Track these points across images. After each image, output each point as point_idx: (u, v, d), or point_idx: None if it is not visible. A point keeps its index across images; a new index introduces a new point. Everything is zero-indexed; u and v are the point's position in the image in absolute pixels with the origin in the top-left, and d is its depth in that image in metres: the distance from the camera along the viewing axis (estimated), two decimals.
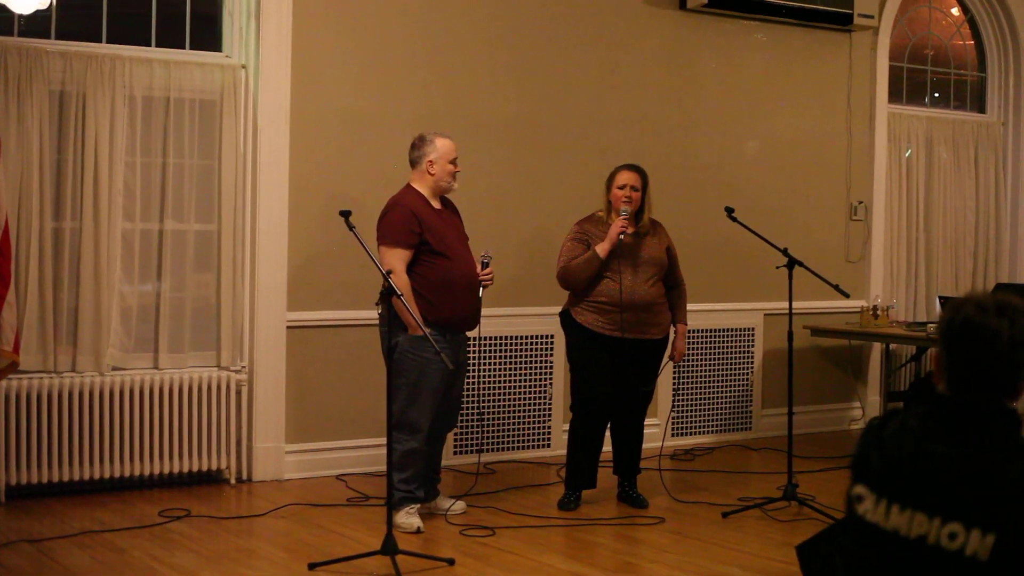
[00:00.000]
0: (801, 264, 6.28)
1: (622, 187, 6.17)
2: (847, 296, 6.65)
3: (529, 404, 7.48)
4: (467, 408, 7.01)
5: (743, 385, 8.32)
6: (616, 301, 6.06)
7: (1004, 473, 2.21)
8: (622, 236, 6.04)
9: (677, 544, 5.62)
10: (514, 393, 7.43)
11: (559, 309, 6.34)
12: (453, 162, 5.87)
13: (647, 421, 6.46)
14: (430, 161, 5.82)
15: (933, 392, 2.39)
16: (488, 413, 7.33)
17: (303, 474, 6.81)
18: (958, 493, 2.22)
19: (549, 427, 7.53)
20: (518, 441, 7.45)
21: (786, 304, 6.37)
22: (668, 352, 6.38)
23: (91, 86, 6.27)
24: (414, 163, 5.89)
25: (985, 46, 9.65)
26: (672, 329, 6.35)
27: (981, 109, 9.69)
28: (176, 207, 6.58)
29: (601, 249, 6.05)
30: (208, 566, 5.13)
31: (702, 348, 8.12)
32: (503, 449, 7.40)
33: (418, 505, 5.79)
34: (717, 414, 8.22)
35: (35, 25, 6.24)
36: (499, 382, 7.38)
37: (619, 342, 6.09)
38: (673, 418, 7.98)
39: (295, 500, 6.26)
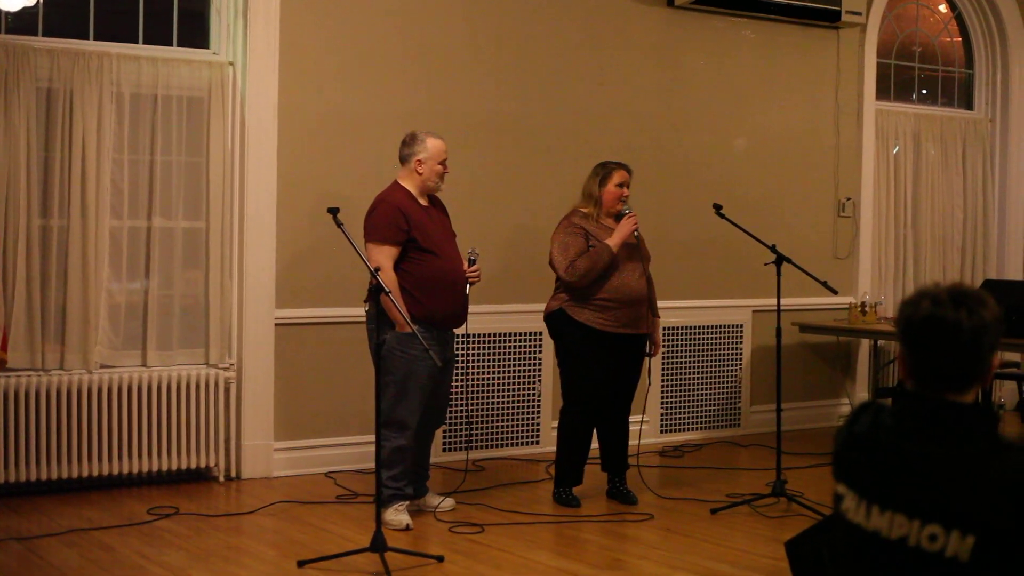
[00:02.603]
0: (789, 261, 6.29)
1: (620, 185, 6.19)
2: (835, 292, 6.66)
3: (518, 401, 7.48)
4: (455, 405, 7.01)
5: (732, 382, 8.33)
6: (616, 298, 6.08)
7: (983, 474, 2.20)
8: (636, 232, 6.08)
9: (666, 540, 5.62)
10: (502, 390, 7.43)
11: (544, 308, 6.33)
12: (442, 163, 5.86)
13: (636, 417, 6.46)
14: (419, 160, 5.82)
15: (906, 390, 2.39)
16: (476, 410, 7.33)
17: (292, 471, 6.81)
18: (937, 494, 2.22)
19: (538, 424, 7.53)
20: (507, 438, 7.46)
21: (774, 301, 6.38)
22: (648, 347, 6.38)
23: (78, 83, 6.26)
24: (403, 160, 5.88)
25: (972, 42, 9.67)
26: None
27: (969, 106, 9.72)
28: (164, 204, 6.57)
29: (613, 243, 6.06)
30: (197, 564, 5.13)
31: (690, 345, 8.13)
32: (492, 446, 7.40)
33: (407, 502, 5.79)
34: (706, 411, 8.23)
35: (22, 22, 6.23)
36: (487, 379, 7.38)
37: (616, 338, 6.11)
38: (662, 415, 7.99)
39: (284, 497, 6.26)
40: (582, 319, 6.11)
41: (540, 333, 7.40)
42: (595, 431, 6.32)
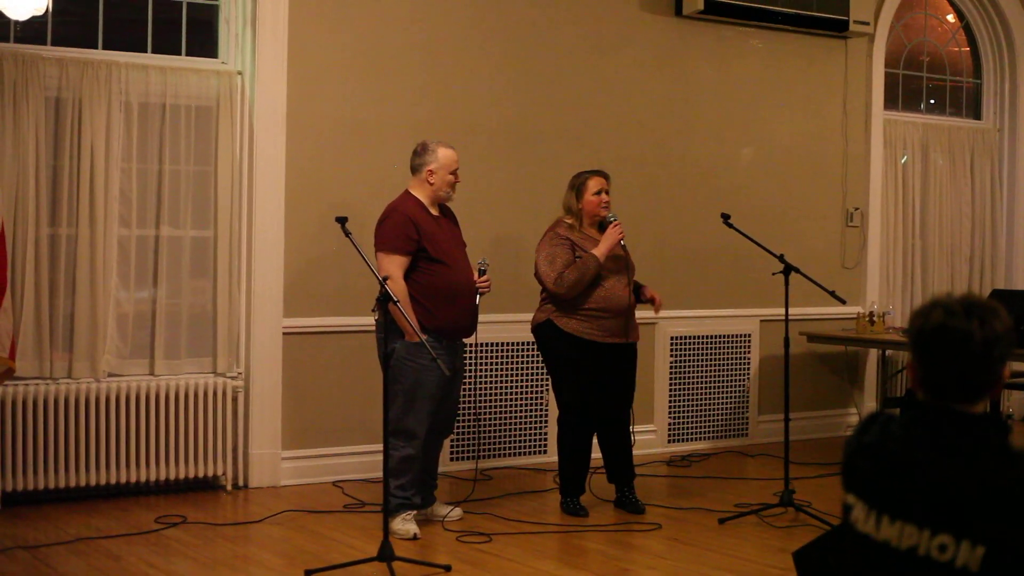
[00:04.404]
0: (797, 270, 6.28)
1: (598, 193, 6.19)
2: (843, 302, 6.64)
3: (526, 410, 7.47)
4: (464, 414, 7.01)
5: (739, 391, 8.32)
6: (603, 307, 6.08)
7: (994, 484, 2.20)
8: (623, 242, 6.07)
9: (673, 550, 5.61)
10: (510, 399, 7.42)
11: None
12: (454, 173, 5.87)
13: (643, 427, 6.45)
14: (430, 170, 5.83)
15: (915, 400, 2.38)
16: (485, 419, 7.32)
17: (299, 480, 6.81)
18: (947, 505, 2.22)
19: (545, 433, 7.52)
20: (514, 447, 7.45)
21: (782, 310, 6.37)
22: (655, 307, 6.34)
23: (87, 92, 6.27)
24: (414, 170, 5.89)
25: (980, 52, 9.66)
26: (636, 297, 6.30)
27: (977, 115, 9.71)
28: (172, 213, 6.57)
29: (600, 253, 6.05)
30: (204, 573, 5.13)
31: (698, 354, 8.12)
32: (500, 455, 7.39)
33: (414, 511, 5.78)
34: (714, 420, 8.22)
35: (31, 31, 6.25)
36: (496, 388, 7.37)
37: (603, 347, 6.10)
38: (669, 424, 7.99)
39: (291, 506, 6.26)
40: (570, 329, 6.10)
41: None
42: (597, 442, 6.31)
